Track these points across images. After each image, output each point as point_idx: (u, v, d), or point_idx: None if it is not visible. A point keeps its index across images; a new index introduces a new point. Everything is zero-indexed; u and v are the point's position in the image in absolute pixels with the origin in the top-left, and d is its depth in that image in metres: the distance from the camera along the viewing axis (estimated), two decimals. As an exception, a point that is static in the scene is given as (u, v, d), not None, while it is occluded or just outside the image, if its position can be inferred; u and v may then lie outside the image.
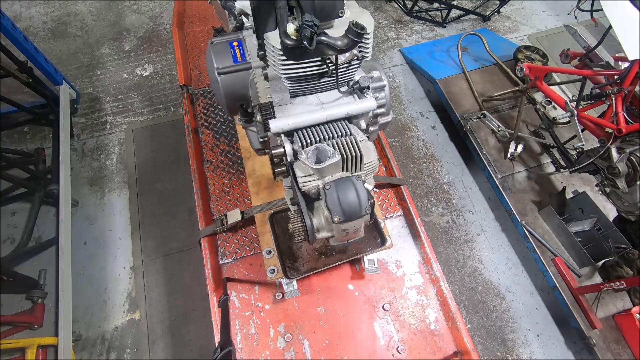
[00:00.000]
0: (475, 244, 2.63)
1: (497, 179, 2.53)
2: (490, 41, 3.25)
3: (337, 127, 0.89)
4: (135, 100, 3.22)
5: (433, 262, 1.53)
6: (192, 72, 2.15)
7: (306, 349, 1.39)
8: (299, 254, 1.41)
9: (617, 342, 2.08)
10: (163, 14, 3.85)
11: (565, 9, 3.37)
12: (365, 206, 0.83)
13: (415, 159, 2.99)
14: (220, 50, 1.10)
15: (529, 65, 2.58)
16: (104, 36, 3.64)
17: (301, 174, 0.85)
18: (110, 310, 2.31)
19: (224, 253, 1.57)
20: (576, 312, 2.09)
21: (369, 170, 0.91)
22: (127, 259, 2.48)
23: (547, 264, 2.23)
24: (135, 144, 2.97)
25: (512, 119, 2.78)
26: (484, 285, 2.48)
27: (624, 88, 1.95)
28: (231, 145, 1.85)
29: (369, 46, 0.84)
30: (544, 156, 2.65)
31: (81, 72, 3.38)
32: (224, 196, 1.71)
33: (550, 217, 2.38)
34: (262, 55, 0.87)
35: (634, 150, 1.91)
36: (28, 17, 3.78)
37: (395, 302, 1.49)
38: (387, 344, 1.41)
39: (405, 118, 3.21)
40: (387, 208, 1.71)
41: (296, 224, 0.87)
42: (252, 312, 1.45)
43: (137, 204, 2.67)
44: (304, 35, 0.68)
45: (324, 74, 0.88)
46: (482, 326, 2.36)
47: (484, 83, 3.01)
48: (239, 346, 1.39)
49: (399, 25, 3.85)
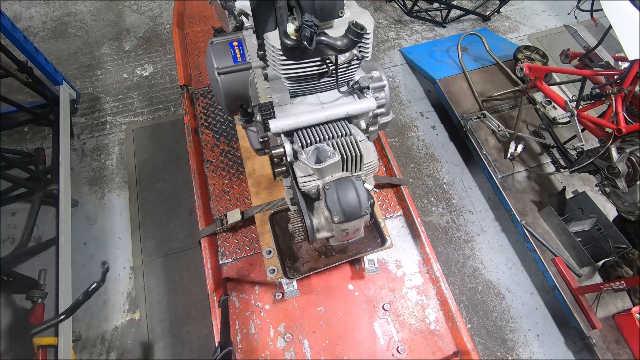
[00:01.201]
0: (475, 244, 2.63)
1: (497, 179, 2.53)
2: (490, 41, 3.25)
3: (337, 127, 0.88)
4: (135, 100, 3.22)
5: (433, 262, 1.53)
6: (192, 72, 2.15)
7: (306, 349, 1.39)
8: (299, 254, 1.41)
9: (617, 342, 2.08)
10: (163, 14, 3.85)
11: (565, 9, 3.37)
12: (365, 206, 0.83)
13: (415, 159, 2.99)
14: (220, 50, 1.10)
15: (529, 65, 2.58)
16: (104, 36, 3.64)
17: (301, 174, 0.84)
18: (110, 310, 2.31)
19: (224, 253, 1.57)
20: (576, 312, 2.09)
21: (369, 170, 0.91)
22: (127, 259, 2.48)
23: (547, 264, 2.23)
24: (135, 144, 2.97)
25: (512, 119, 2.77)
26: (484, 285, 2.48)
27: (623, 88, 1.95)
28: (231, 145, 1.85)
29: (369, 46, 0.84)
30: (544, 156, 2.65)
31: (81, 72, 3.38)
32: (224, 196, 1.70)
33: (550, 217, 2.38)
34: (262, 55, 0.87)
35: (634, 150, 1.91)
36: (28, 17, 3.78)
37: (395, 302, 1.49)
38: (387, 344, 1.41)
39: (405, 118, 3.21)
40: (387, 208, 1.71)
41: (296, 224, 0.87)
42: (252, 312, 1.45)
43: (137, 204, 2.67)
44: (304, 35, 0.68)
45: (323, 74, 0.88)
46: (482, 326, 2.36)
47: (484, 83, 3.01)
48: (239, 346, 1.39)
49: (399, 25, 3.85)
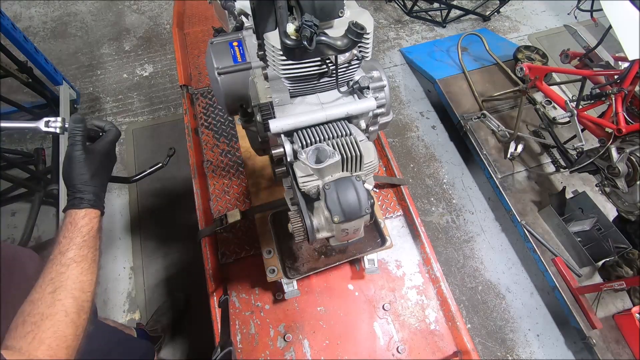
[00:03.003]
0: (475, 244, 2.63)
1: (497, 179, 2.53)
2: (490, 41, 3.25)
3: (337, 127, 0.88)
4: (135, 100, 3.22)
5: (433, 262, 1.52)
6: (192, 72, 2.15)
7: (306, 349, 1.39)
8: (299, 254, 1.41)
9: (617, 342, 2.08)
10: (163, 14, 3.85)
11: (565, 9, 3.36)
12: (365, 206, 0.83)
13: (415, 159, 2.99)
14: (220, 50, 1.09)
15: (529, 65, 2.58)
16: (104, 36, 3.64)
17: (301, 174, 0.84)
18: (110, 310, 2.31)
19: (224, 253, 1.57)
20: (576, 312, 2.09)
21: (369, 170, 0.91)
22: (127, 259, 2.48)
23: (547, 264, 2.23)
24: (135, 144, 2.97)
25: (512, 119, 2.78)
26: (484, 285, 2.48)
27: (623, 88, 1.95)
28: (231, 145, 1.85)
29: (369, 46, 0.83)
30: (544, 156, 2.65)
31: (81, 72, 3.38)
32: (224, 196, 1.70)
33: (550, 217, 2.38)
34: (262, 55, 0.87)
35: (634, 150, 1.91)
36: (28, 17, 3.78)
37: (395, 302, 1.49)
38: (387, 344, 1.41)
39: (405, 118, 3.21)
40: (387, 208, 1.71)
41: (296, 224, 0.87)
42: (252, 312, 1.45)
43: (137, 204, 2.67)
44: (304, 35, 0.68)
45: (323, 74, 0.88)
46: (482, 326, 2.36)
47: (484, 83, 3.01)
48: (239, 346, 1.39)
49: (399, 25, 3.85)
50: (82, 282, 0.79)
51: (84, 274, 0.80)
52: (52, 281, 0.76)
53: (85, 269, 0.81)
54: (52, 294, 0.75)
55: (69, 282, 0.77)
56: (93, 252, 0.84)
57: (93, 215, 0.87)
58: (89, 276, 0.81)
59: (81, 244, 0.82)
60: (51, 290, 0.75)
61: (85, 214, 0.85)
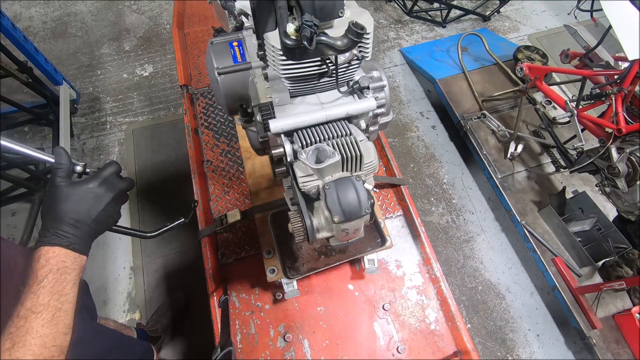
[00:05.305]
0: (475, 244, 2.63)
1: (497, 179, 2.53)
2: (490, 41, 3.25)
3: (337, 127, 0.88)
4: (135, 100, 3.22)
5: (433, 262, 1.52)
6: (192, 72, 2.15)
7: (306, 349, 1.39)
8: (299, 254, 1.41)
9: (617, 342, 2.07)
10: (163, 14, 3.85)
11: (565, 9, 3.37)
12: (365, 206, 0.83)
13: (415, 159, 2.99)
14: (220, 50, 1.09)
15: (529, 65, 2.58)
16: (104, 36, 3.64)
17: (301, 174, 0.84)
18: (110, 310, 2.31)
19: (224, 253, 1.57)
20: (576, 312, 2.09)
21: (369, 170, 0.91)
22: (127, 259, 2.47)
23: (547, 264, 2.23)
24: (135, 144, 2.97)
25: (512, 119, 2.77)
26: (484, 285, 2.48)
27: (623, 88, 1.95)
28: (231, 145, 1.85)
29: (369, 46, 0.83)
30: (544, 156, 2.65)
31: (81, 72, 3.38)
32: (224, 196, 1.70)
33: (550, 217, 2.38)
34: (262, 55, 0.87)
35: (634, 150, 1.91)
36: (28, 17, 3.78)
37: (395, 302, 1.49)
38: (387, 344, 1.41)
39: (405, 118, 3.21)
40: (387, 208, 1.71)
41: (296, 224, 0.87)
42: (252, 312, 1.45)
43: (137, 204, 2.67)
44: (304, 35, 0.68)
45: (324, 74, 0.88)
46: (482, 326, 2.36)
47: (484, 83, 3.01)
48: (239, 346, 1.39)
49: (399, 25, 3.85)
50: (44, 336, 0.68)
51: (45, 326, 0.69)
52: (11, 336, 0.67)
53: (47, 320, 0.69)
54: (9, 350, 0.66)
55: (28, 337, 0.67)
56: (57, 299, 0.72)
57: (61, 255, 0.74)
58: (52, 329, 0.70)
59: (38, 291, 0.70)
60: (8, 347, 0.66)
61: (45, 253, 0.73)
